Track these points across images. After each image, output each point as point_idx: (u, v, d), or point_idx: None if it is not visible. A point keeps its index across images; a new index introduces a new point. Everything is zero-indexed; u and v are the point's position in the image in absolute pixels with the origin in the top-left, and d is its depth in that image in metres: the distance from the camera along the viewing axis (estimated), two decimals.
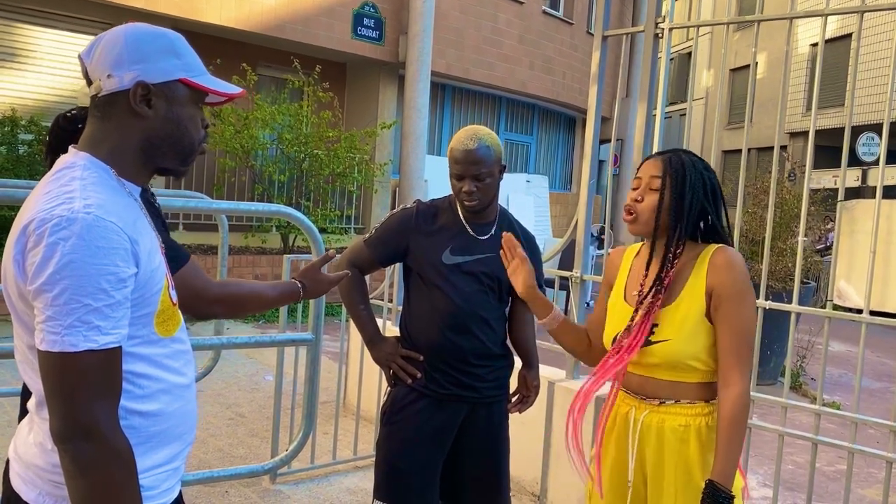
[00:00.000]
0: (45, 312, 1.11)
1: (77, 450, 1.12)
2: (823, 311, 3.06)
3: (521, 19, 12.40)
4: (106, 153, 1.26)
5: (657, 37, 3.49)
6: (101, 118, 1.27)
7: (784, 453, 4.87)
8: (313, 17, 9.55)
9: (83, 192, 1.16)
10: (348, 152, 9.13)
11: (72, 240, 1.11)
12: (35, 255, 1.12)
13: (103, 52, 1.25)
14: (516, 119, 13.99)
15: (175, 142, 1.31)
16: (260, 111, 8.52)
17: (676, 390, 1.84)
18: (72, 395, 1.12)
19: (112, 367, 1.15)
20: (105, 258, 1.12)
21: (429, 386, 2.32)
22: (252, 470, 3.02)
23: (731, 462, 1.71)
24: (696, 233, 1.89)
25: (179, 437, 1.33)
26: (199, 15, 8.56)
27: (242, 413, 5.02)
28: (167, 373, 1.29)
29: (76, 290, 1.10)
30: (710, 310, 1.80)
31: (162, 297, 1.26)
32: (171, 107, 1.28)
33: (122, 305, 1.15)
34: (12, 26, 7.79)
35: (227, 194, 9.06)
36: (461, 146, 2.28)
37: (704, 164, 1.89)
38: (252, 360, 6.36)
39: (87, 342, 1.11)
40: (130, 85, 1.24)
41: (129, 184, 1.29)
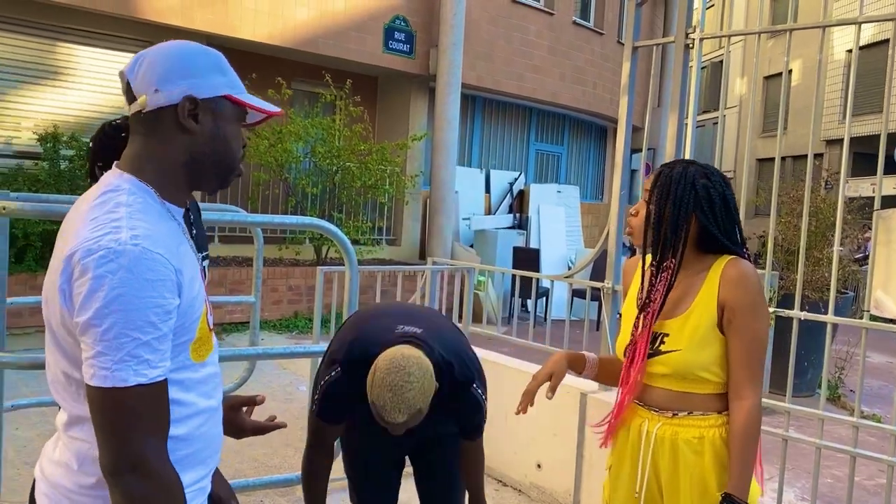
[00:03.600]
0: (95, 347, 1.10)
1: (128, 484, 1.12)
2: (860, 322, 3.02)
3: (552, 30, 12.41)
4: (150, 173, 1.25)
5: (688, 47, 3.49)
6: (146, 134, 1.26)
7: (823, 467, 4.79)
8: (345, 32, 9.68)
9: (129, 220, 1.15)
10: (379, 164, 9.21)
11: (120, 273, 1.10)
12: (81, 286, 1.11)
13: (150, 67, 1.24)
14: (547, 129, 13.98)
15: (219, 159, 1.30)
16: (293, 125, 8.65)
17: (689, 402, 1.84)
18: (123, 431, 1.12)
19: (160, 400, 1.16)
20: (153, 290, 1.12)
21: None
22: (286, 479, 3.06)
23: (746, 475, 1.71)
24: (705, 244, 1.87)
25: (206, 460, 1.33)
26: (233, 31, 8.73)
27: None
28: (198, 397, 1.29)
29: (125, 324, 1.09)
30: (721, 321, 1.80)
31: (200, 324, 1.26)
32: (217, 122, 1.27)
33: (168, 338, 1.15)
34: (54, 45, 8.02)
35: (262, 207, 9.18)
36: (388, 417, 1.94)
37: (706, 174, 1.86)
38: (286, 371, 6.43)
39: (137, 376, 1.11)
40: (178, 99, 1.23)
41: (172, 206, 1.27)
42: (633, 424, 1.95)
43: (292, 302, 8.48)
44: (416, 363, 1.96)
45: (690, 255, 1.87)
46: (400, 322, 2.16)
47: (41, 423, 4.44)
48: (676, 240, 1.84)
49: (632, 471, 1.93)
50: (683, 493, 1.81)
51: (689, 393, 1.83)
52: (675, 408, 1.85)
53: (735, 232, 1.88)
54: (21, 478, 3.85)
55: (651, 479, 1.88)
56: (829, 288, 3.16)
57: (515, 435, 4.16)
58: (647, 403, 1.92)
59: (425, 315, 2.30)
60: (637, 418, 1.94)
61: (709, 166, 1.91)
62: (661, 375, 1.86)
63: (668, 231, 1.84)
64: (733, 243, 1.86)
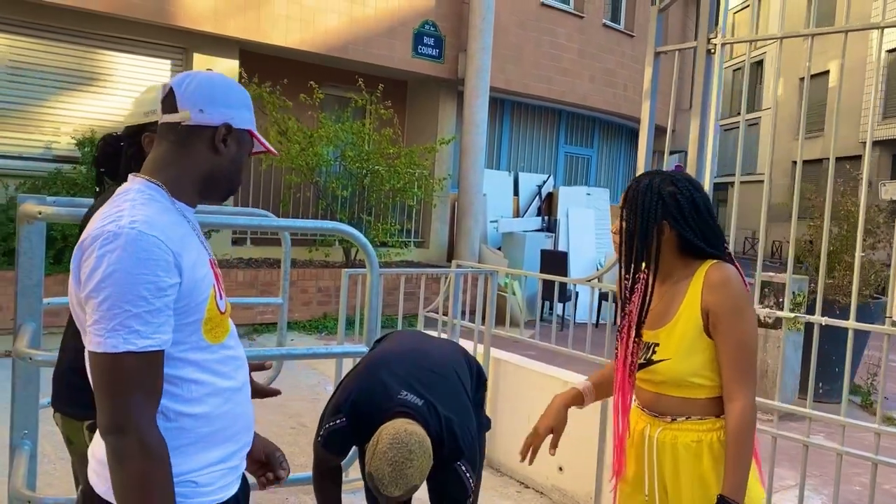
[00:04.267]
0: (93, 317, 1.24)
1: (114, 443, 1.24)
2: (883, 328, 3.00)
3: (582, 33, 12.40)
4: (166, 175, 1.40)
5: (710, 52, 3.50)
6: (175, 143, 1.41)
7: (853, 474, 4.73)
8: (375, 38, 9.78)
9: (131, 210, 1.29)
10: (408, 168, 9.29)
11: (116, 252, 1.23)
12: (87, 265, 1.25)
13: (198, 88, 1.41)
14: (577, 132, 13.95)
15: (230, 180, 1.48)
16: (324, 129, 8.77)
17: (686, 407, 1.87)
18: (112, 393, 1.24)
19: (152, 369, 1.26)
20: (145, 268, 1.24)
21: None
22: (309, 477, 3.12)
23: (741, 476, 1.74)
24: (686, 250, 1.89)
25: (232, 437, 1.42)
26: (265, 37, 8.88)
27: (304, 423, 5.17)
28: (216, 377, 1.39)
29: (118, 297, 1.22)
30: (708, 326, 1.82)
31: (209, 305, 1.36)
32: (239, 150, 1.48)
33: (163, 312, 1.26)
34: (92, 52, 8.24)
35: (293, 209, 9.32)
36: (385, 490, 2.04)
37: (672, 181, 1.88)
38: (315, 371, 6.53)
39: (126, 344, 1.22)
40: (219, 123, 1.42)
41: (182, 204, 1.42)
42: (637, 429, 1.99)
43: (322, 303, 8.60)
44: (417, 442, 2.04)
45: (675, 263, 1.90)
46: (404, 386, 2.25)
47: None
48: (647, 250, 1.87)
49: (637, 473, 1.97)
50: (685, 495, 1.85)
51: (686, 398, 1.87)
52: (673, 413, 1.89)
53: (712, 234, 1.89)
54: (57, 472, 3.99)
55: (657, 482, 1.91)
56: (862, 293, 3.13)
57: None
58: (648, 409, 1.96)
59: (433, 377, 2.34)
60: (640, 423, 1.99)
61: (676, 173, 1.93)
62: (658, 382, 1.90)
63: (638, 243, 1.88)
64: (711, 246, 1.88)
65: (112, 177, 2.06)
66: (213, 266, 1.44)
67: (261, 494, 3.79)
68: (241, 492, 1.50)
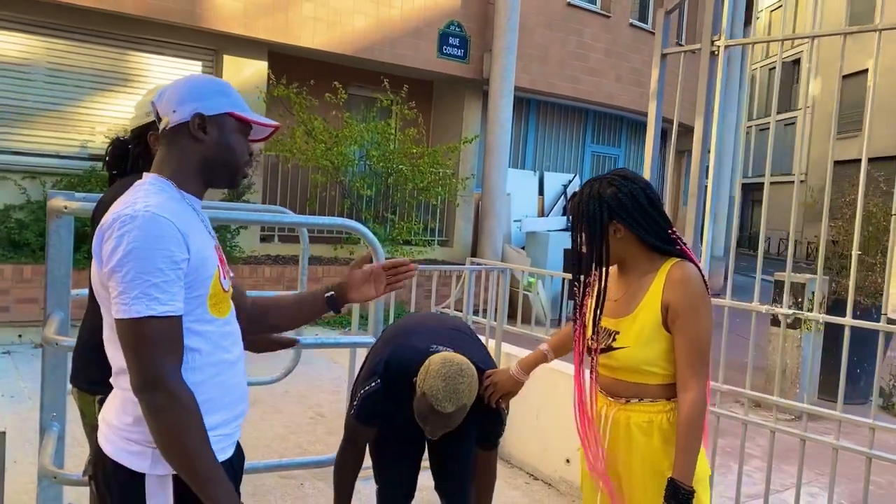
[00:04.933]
0: (117, 289, 1.41)
1: (149, 398, 1.41)
2: (878, 325, 3.05)
3: (608, 32, 12.41)
4: (170, 172, 1.57)
5: (713, 54, 3.56)
6: (168, 145, 1.58)
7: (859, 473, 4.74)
8: (401, 38, 9.93)
9: (145, 198, 1.47)
10: (431, 167, 9.42)
11: (134, 232, 1.40)
12: (108, 245, 1.42)
13: (170, 94, 1.57)
14: (603, 131, 13.96)
15: (225, 163, 1.61)
16: (349, 129, 8.94)
17: (639, 391, 1.99)
18: (141, 354, 1.40)
19: (172, 331, 1.43)
20: (160, 244, 1.41)
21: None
22: (320, 460, 3.28)
23: (691, 461, 1.85)
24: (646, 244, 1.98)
25: (226, 406, 1.57)
26: (293, 39, 9.07)
27: (323, 413, 5.33)
28: (216, 349, 1.55)
29: (139, 270, 1.39)
30: (666, 320, 1.93)
31: (213, 282, 1.53)
32: (222, 134, 1.58)
33: (176, 283, 1.43)
34: (126, 54, 8.51)
35: (319, 208, 9.50)
36: (439, 405, 2.20)
37: (611, 182, 1.97)
38: (337, 364, 6.70)
39: (148, 310, 1.39)
40: (189, 117, 1.54)
41: (189, 196, 1.58)
42: (596, 410, 2.12)
43: None
44: (465, 362, 2.26)
45: (639, 257, 2.00)
46: (433, 342, 2.42)
47: None
48: (594, 253, 1.98)
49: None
50: (636, 471, 1.99)
51: (640, 383, 1.99)
52: (628, 395, 2.01)
53: (656, 226, 1.97)
54: (84, 454, 4.19)
55: (611, 459, 2.06)
56: (882, 294, 3.16)
57: (546, 432, 4.29)
58: (605, 391, 2.09)
59: (455, 333, 2.55)
60: (598, 403, 2.12)
61: (615, 174, 2.02)
62: (615, 368, 2.03)
63: (586, 248, 1.99)
64: (661, 240, 1.97)
65: (122, 176, 2.20)
66: (217, 251, 1.60)
67: (275, 480, 3.95)
68: (235, 457, 1.65)
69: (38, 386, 5.31)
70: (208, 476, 1.43)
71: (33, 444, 3.96)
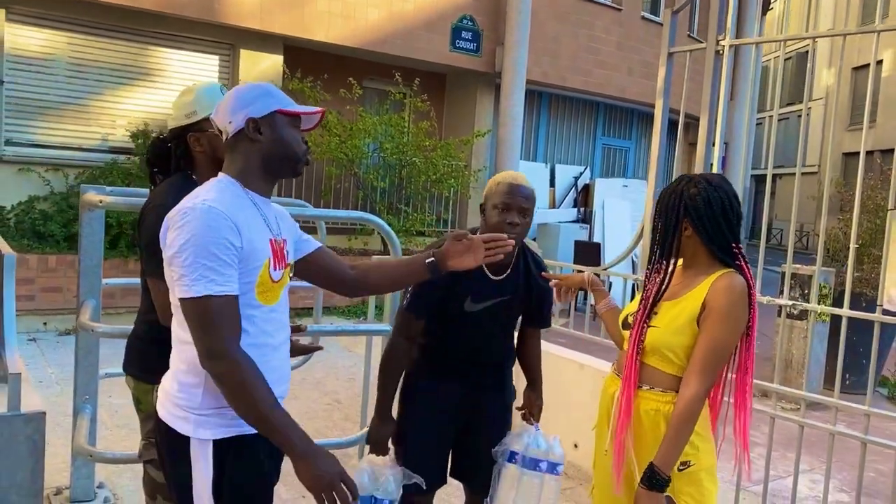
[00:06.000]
0: (179, 272, 1.59)
1: (214, 366, 1.59)
2: (872, 316, 3.16)
3: (620, 25, 12.47)
4: (236, 173, 1.75)
5: (718, 53, 3.67)
6: (231, 152, 1.77)
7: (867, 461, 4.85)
8: (414, 32, 10.05)
9: (206, 194, 1.66)
10: (444, 159, 9.56)
11: (193, 222, 1.59)
12: (171, 233, 1.62)
13: (222, 109, 1.75)
14: (614, 123, 14.04)
15: (284, 156, 1.77)
16: (363, 122, 9.09)
17: (654, 377, 2.09)
18: (203, 328, 1.59)
19: (229, 308, 1.61)
20: (215, 233, 1.58)
21: (440, 372, 2.60)
22: (337, 443, 3.44)
23: (675, 453, 1.96)
24: (709, 251, 2.10)
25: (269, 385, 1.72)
26: (308, 33, 9.22)
27: (339, 399, 5.50)
28: (261, 333, 1.71)
29: (197, 255, 1.57)
30: (699, 318, 2.03)
31: (262, 272, 1.69)
32: (275, 131, 1.74)
33: (231, 266, 1.61)
34: (145, 49, 8.68)
35: (333, 200, 9.66)
36: (512, 180, 2.42)
37: (695, 183, 2.08)
38: (352, 353, 6.86)
39: (206, 290, 1.57)
40: (243, 123, 1.72)
41: (254, 194, 1.76)
42: (609, 392, 2.25)
43: None
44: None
45: (699, 257, 2.12)
46: None
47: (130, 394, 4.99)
48: (667, 246, 2.11)
49: (606, 431, 2.22)
50: (641, 457, 2.08)
51: (656, 368, 2.09)
52: (642, 380, 2.11)
53: (721, 236, 2.07)
54: (112, 436, 4.38)
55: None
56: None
57: (556, 418, 4.41)
58: (621, 372, 2.19)
59: None
60: (612, 386, 2.23)
61: (707, 177, 2.11)
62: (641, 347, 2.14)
63: (660, 237, 2.13)
64: (721, 250, 2.07)
65: (164, 174, 2.29)
66: (272, 244, 1.75)
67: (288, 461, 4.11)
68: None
69: (64, 372, 5.55)
70: (281, 424, 1.60)
71: (63, 427, 4.14)
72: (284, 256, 1.81)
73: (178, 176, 2.23)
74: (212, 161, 2.18)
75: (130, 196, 3.54)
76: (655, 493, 1.97)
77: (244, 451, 1.69)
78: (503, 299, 2.52)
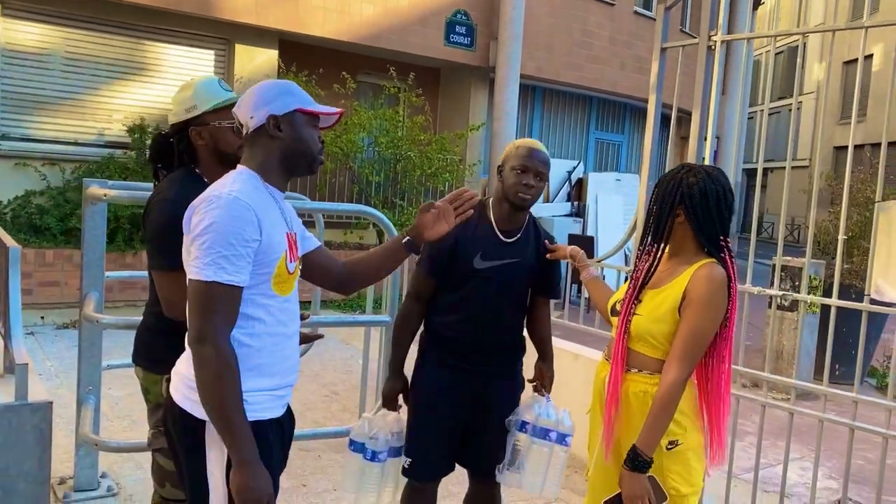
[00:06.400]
0: (195, 254, 1.65)
1: (197, 350, 1.64)
2: (860, 305, 3.24)
3: (612, 20, 12.54)
4: (255, 166, 1.80)
5: (710, 49, 3.74)
6: (251, 146, 1.82)
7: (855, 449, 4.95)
8: (408, 27, 10.10)
9: (231, 184, 1.71)
10: (438, 154, 9.62)
11: (217, 210, 1.64)
12: (196, 217, 1.67)
13: (245, 104, 1.80)
14: (607, 118, 14.12)
15: (301, 153, 1.83)
16: (358, 116, 9.13)
17: (640, 361, 2.18)
18: (199, 311, 1.64)
19: (230, 299, 1.65)
20: (236, 224, 1.63)
21: (449, 361, 2.62)
22: (336, 431, 3.51)
23: (656, 435, 2.04)
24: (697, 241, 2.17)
25: (279, 373, 1.79)
26: (304, 28, 9.25)
27: (337, 391, 5.57)
28: (276, 323, 1.77)
29: (214, 241, 1.62)
30: (681, 307, 2.11)
31: (279, 264, 1.75)
32: (294, 128, 1.80)
33: (244, 258, 1.65)
34: (141, 43, 8.70)
35: (329, 194, 9.71)
36: (530, 145, 2.58)
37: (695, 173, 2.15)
38: (349, 346, 6.93)
39: (215, 276, 1.62)
40: (264, 120, 1.77)
41: (272, 188, 1.81)
42: (600, 377, 2.33)
43: None
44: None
45: (687, 245, 2.19)
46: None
47: (131, 385, 5.03)
48: (661, 228, 2.18)
49: (599, 415, 2.29)
50: (631, 439, 2.14)
51: (641, 353, 2.18)
52: (629, 364, 2.20)
53: (712, 228, 2.15)
54: (114, 427, 4.45)
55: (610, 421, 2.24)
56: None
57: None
58: (610, 358, 2.27)
59: None
60: (603, 371, 2.32)
61: (706, 169, 2.18)
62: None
63: (654, 220, 2.20)
64: (710, 242, 2.14)
65: (167, 169, 2.32)
66: (288, 238, 1.81)
67: (294, 452, 4.17)
68: (285, 418, 1.88)
69: (63, 365, 5.59)
70: (235, 428, 1.63)
71: (64, 419, 4.20)
72: (297, 249, 1.87)
73: (181, 170, 2.26)
74: (214, 153, 2.22)
75: (132, 190, 3.60)
76: (638, 475, 2.04)
77: (257, 437, 1.71)
78: (513, 261, 2.60)
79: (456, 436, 2.67)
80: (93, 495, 3.49)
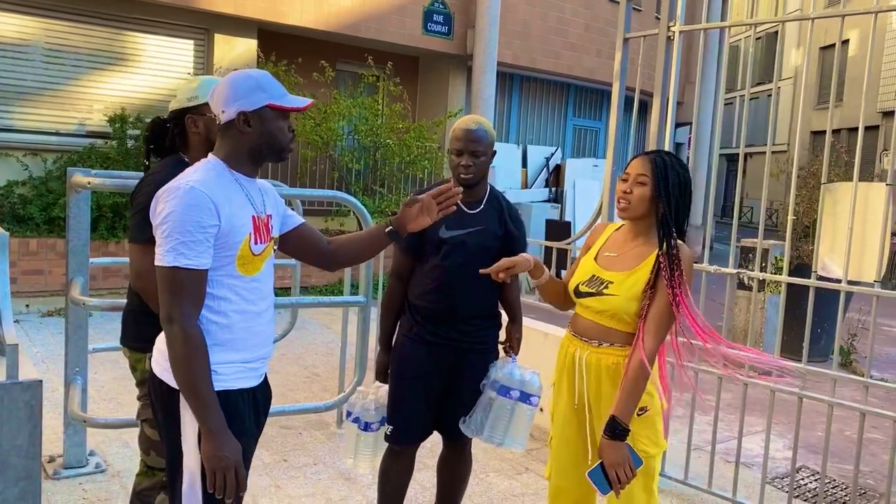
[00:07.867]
0: (158, 241, 1.78)
1: (167, 330, 1.79)
2: (808, 281, 3.45)
3: (588, 8, 12.69)
4: (224, 155, 1.92)
5: (669, 39, 3.91)
6: (223, 136, 1.94)
7: (816, 423, 5.18)
8: (386, 16, 10.20)
9: (192, 175, 1.83)
10: (417, 141, 9.75)
11: (175, 200, 1.76)
12: (158, 206, 1.80)
13: (218, 96, 1.91)
14: (585, 105, 14.29)
15: (270, 147, 1.94)
16: (337, 105, 9.24)
17: (610, 335, 2.34)
18: (166, 294, 1.78)
19: (194, 281, 1.79)
20: (192, 212, 1.75)
21: (425, 336, 2.80)
22: (315, 407, 3.67)
23: (631, 405, 2.21)
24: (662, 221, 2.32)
25: (249, 348, 1.93)
26: (281, 17, 9.33)
27: (318, 373, 5.73)
28: (242, 301, 1.90)
29: (173, 229, 1.75)
30: (653, 285, 2.27)
31: (242, 246, 1.87)
32: (264, 124, 1.91)
33: (203, 243, 1.78)
34: (121, 34, 8.75)
35: (309, 181, 9.82)
36: (464, 126, 2.70)
37: (681, 165, 2.32)
38: (330, 330, 7.09)
39: (175, 261, 1.75)
40: (235, 115, 1.88)
41: (240, 175, 1.92)
42: (570, 352, 2.46)
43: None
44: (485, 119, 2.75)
45: (652, 229, 2.35)
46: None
47: (115, 369, 5.18)
48: (682, 223, 2.32)
49: (569, 387, 2.45)
50: (604, 408, 2.32)
51: (612, 328, 2.34)
52: (600, 338, 2.36)
53: (683, 219, 2.32)
54: (100, 409, 4.59)
55: (581, 395, 2.40)
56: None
57: None
58: (580, 335, 2.42)
59: None
60: (572, 347, 2.45)
61: (675, 156, 2.37)
62: (597, 311, 2.36)
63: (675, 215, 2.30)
64: (678, 227, 2.30)
65: (159, 153, 2.50)
66: (254, 220, 1.92)
67: (276, 430, 4.35)
68: (260, 390, 2.02)
69: (48, 351, 5.72)
70: (202, 400, 1.77)
71: (51, 402, 4.33)
72: (269, 230, 1.99)
73: (171, 157, 2.43)
74: (205, 142, 2.37)
75: (112, 178, 3.72)
76: (618, 443, 2.20)
77: (227, 405, 1.85)
78: (477, 229, 2.76)
79: (432, 402, 2.84)
80: (82, 472, 3.63)
